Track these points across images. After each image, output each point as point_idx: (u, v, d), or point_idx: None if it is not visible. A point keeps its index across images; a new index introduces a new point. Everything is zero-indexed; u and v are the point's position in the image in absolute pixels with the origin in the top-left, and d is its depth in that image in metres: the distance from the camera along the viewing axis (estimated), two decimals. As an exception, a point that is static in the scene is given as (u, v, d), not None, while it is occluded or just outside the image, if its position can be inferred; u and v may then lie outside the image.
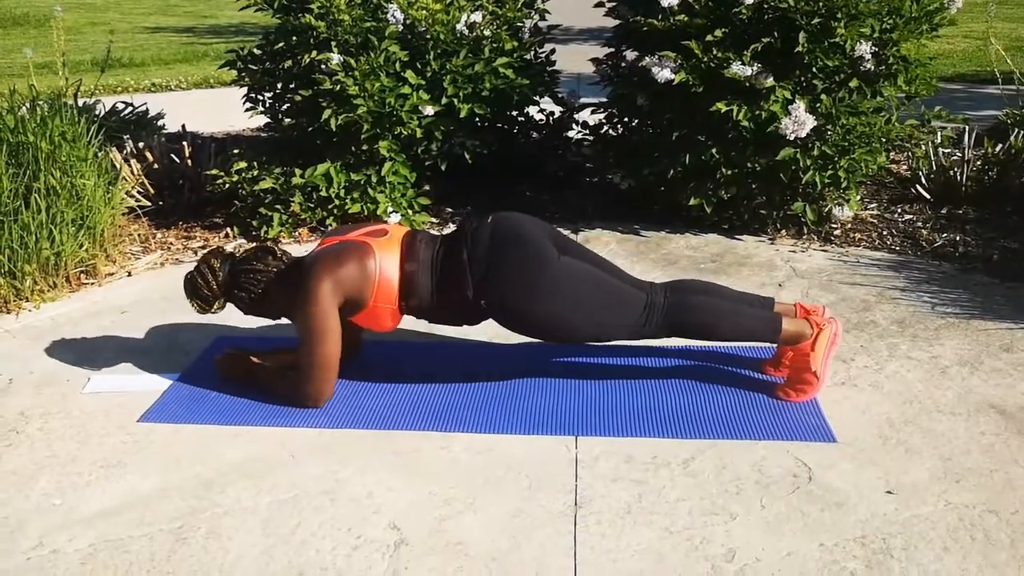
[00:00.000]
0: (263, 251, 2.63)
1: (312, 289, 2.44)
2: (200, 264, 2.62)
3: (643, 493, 2.16)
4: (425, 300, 2.53)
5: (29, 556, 2.00)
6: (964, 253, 3.70)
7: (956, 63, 8.39)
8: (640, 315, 2.49)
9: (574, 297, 2.46)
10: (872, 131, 3.79)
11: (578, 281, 2.47)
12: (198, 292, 2.60)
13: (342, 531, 2.05)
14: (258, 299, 2.60)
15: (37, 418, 2.59)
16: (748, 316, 2.54)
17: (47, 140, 3.56)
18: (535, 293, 2.44)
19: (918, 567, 1.89)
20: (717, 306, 2.53)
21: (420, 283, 2.52)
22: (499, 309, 2.50)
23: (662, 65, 3.73)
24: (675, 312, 2.50)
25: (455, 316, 2.58)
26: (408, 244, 2.56)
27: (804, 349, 2.54)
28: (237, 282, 2.59)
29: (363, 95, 3.94)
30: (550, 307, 2.45)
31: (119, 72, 9.30)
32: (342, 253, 2.50)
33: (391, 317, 2.56)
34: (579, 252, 2.63)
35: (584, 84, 5.23)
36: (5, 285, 3.35)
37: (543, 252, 2.48)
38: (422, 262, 2.53)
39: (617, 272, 2.63)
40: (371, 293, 2.49)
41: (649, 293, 2.53)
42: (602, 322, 2.48)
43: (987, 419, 2.45)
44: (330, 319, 2.46)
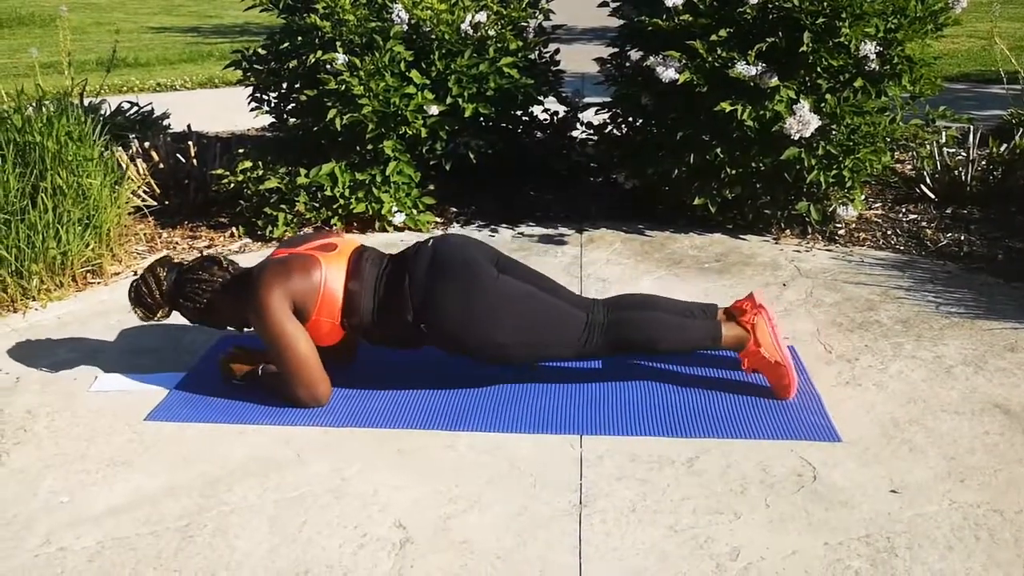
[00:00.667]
0: (209, 261, 2.65)
1: (262, 299, 2.46)
2: (145, 273, 2.65)
3: (647, 492, 2.17)
4: (366, 320, 2.54)
5: (37, 554, 2.01)
6: (969, 253, 3.70)
7: (961, 63, 8.38)
8: (580, 335, 2.50)
9: (510, 321, 2.46)
10: (877, 131, 3.79)
11: (515, 304, 2.48)
12: (141, 300, 2.64)
13: (348, 529, 2.06)
14: (203, 308, 2.63)
15: (44, 416, 2.60)
16: (688, 328, 2.56)
17: (53, 140, 3.58)
18: (471, 318, 2.45)
19: (922, 566, 1.89)
20: (656, 320, 2.55)
21: (362, 303, 2.53)
22: (438, 333, 2.50)
23: (666, 65, 3.73)
24: (615, 329, 2.51)
25: (395, 338, 2.58)
26: (355, 262, 2.57)
27: (753, 349, 2.56)
28: (182, 291, 2.62)
29: (368, 95, 3.95)
30: (488, 332, 2.46)
31: (124, 72, 9.32)
32: (289, 263, 2.52)
33: (331, 332, 2.56)
34: (521, 273, 2.63)
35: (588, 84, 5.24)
36: (12, 284, 3.37)
37: (481, 277, 2.48)
38: (366, 282, 2.54)
39: (558, 291, 2.64)
40: (314, 306, 2.50)
41: (590, 312, 2.54)
42: (540, 344, 2.50)
43: (991, 418, 2.45)
44: (287, 321, 2.48)
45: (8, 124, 3.57)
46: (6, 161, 3.42)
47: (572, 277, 3.56)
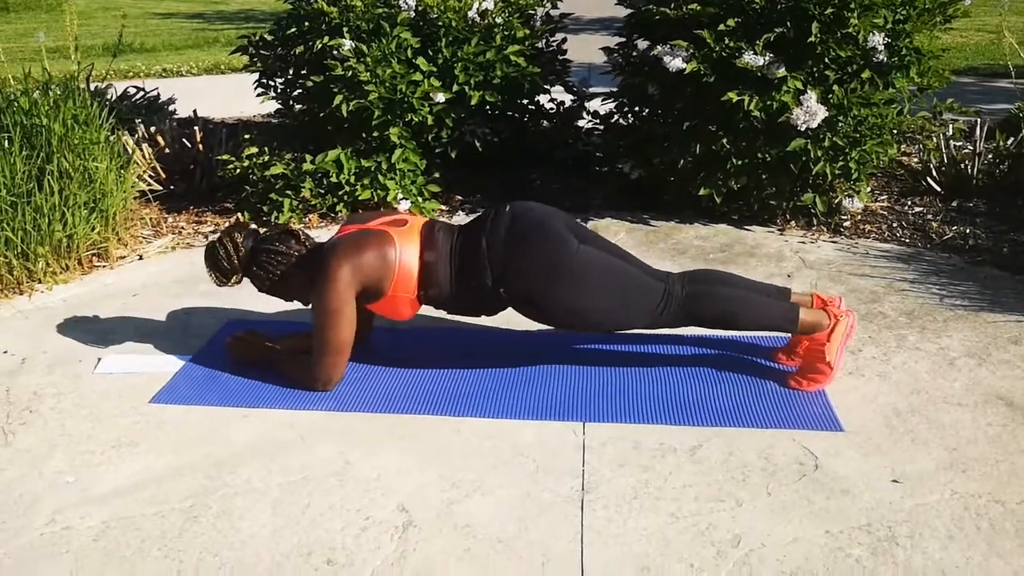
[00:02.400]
0: (287, 234, 2.64)
1: (331, 274, 2.46)
2: (224, 237, 2.63)
3: (650, 479, 2.18)
4: (444, 290, 2.54)
5: (43, 532, 2.02)
6: (974, 246, 3.69)
7: (969, 56, 8.36)
8: (658, 304, 2.50)
9: (593, 286, 2.47)
10: (883, 123, 3.78)
11: (597, 270, 2.48)
12: (218, 264, 2.62)
13: (351, 512, 2.07)
14: (276, 280, 2.61)
15: (50, 397, 2.61)
16: (766, 306, 2.55)
17: (60, 123, 3.58)
18: (554, 282, 2.45)
19: (923, 555, 1.90)
20: (735, 296, 2.54)
21: (439, 273, 2.53)
22: (519, 298, 2.51)
23: (674, 54, 3.73)
24: (693, 302, 2.51)
25: (474, 306, 2.59)
26: (427, 234, 2.57)
27: (819, 339, 2.55)
28: (258, 260, 2.60)
29: (374, 81, 3.95)
30: (569, 296, 2.46)
31: (130, 57, 9.32)
32: (362, 241, 2.51)
33: (410, 306, 2.57)
34: (598, 242, 2.63)
35: (595, 73, 5.23)
36: (18, 267, 3.38)
37: (563, 241, 2.48)
38: (441, 252, 2.54)
39: (635, 262, 2.64)
40: (390, 282, 2.50)
41: (667, 283, 2.53)
42: (620, 310, 2.50)
43: (994, 410, 2.45)
44: (346, 305, 2.48)
45: (15, 107, 3.58)
46: (13, 144, 3.43)
47: (577, 266, 3.56)
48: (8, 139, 3.45)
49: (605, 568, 1.88)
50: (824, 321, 2.55)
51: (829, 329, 2.54)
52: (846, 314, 2.57)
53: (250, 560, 1.92)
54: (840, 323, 2.55)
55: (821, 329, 2.55)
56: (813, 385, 2.55)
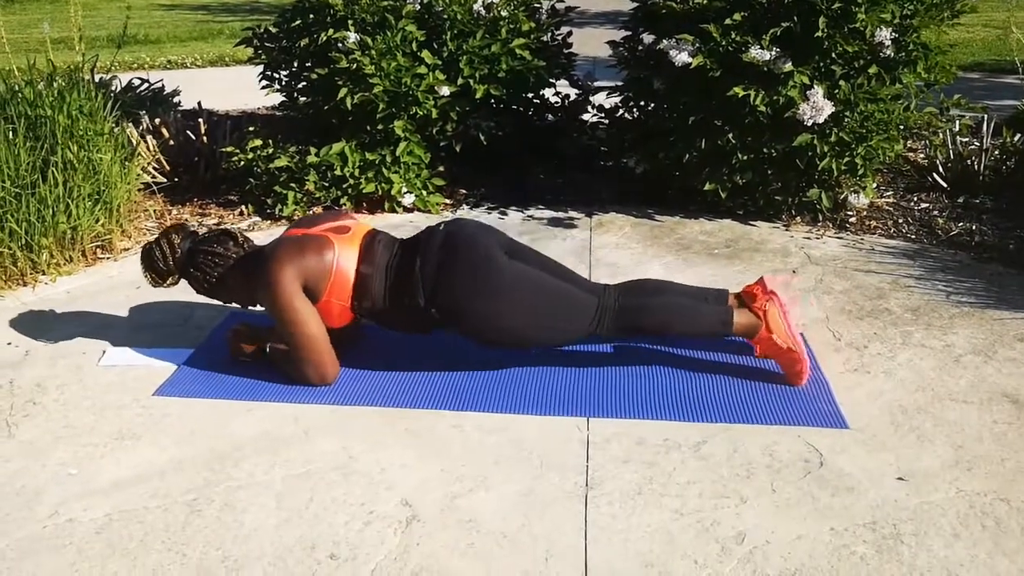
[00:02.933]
0: (225, 235, 2.64)
1: (273, 276, 2.45)
2: (160, 238, 2.64)
3: (654, 475, 2.17)
4: (377, 303, 2.53)
5: (45, 524, 2.02)
6: (980, 242, 3.68)
7: (976, 52, 8.32)
8: (592, 319, 2.50)
9: (521, 305, 2.46)
10: (890, 118, 3.77)
11: (526, 288, 2.48)
12: (153, 265, 2.63)
13: (354, 506, 2.07)
14: (213, 282, 2.62)
15: (53, 389, 2.61)
16: (700, 314, 2.56)
17: (64, 114, 3.58)
18: (482, 300, 2.45)
19: (928, 553, 1.89)
20: (668, 306, 2.55)
21: (374, 286, 2.52)
22: (449, 317, 2.50)
23: (680, 48, 3.71)
24: (626, 314, 2.51)
25: (406, 323, 2.58)
26: (367, 245, 2.56)
27: (765, 336, 2.56)
28: (195, 261, 2.61)
29: (379, 74, 3.93)
30: (497, 315, 2.46)
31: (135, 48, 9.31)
32: (302, 243, 2.51)
33: (341, 314, 2.55)
34: (533, 259, 2.63)
35: (600, 67, 5.22)
36: (22, 258, 3.37)
37: (491, 259, 2.48)
38: (377, 266, 2.53)
39: (570, 276, 2.64)
40: (326, 287, 2.50)
41: (601, 296, 2.54)
42: (551, 328, 2.50)
43: (1000, 408, 2.44)
44: (298, 300, 2.47)
45: (19, 98, 3.57)
46: (17, 135, 3.43)
47: (581, 261, 3.56)
48: (12, 130, 3.44)
49: (609, 564, 1.87)
50: (756, 319, 2.56)
51: (764, 323, 2.55)
52: (769, 299, 2.57)
53: (253, 553, 1.92)
54: (769, 312, 2.55)
55: (758, 327, 2.56)
56: (801, 376, 2.54)
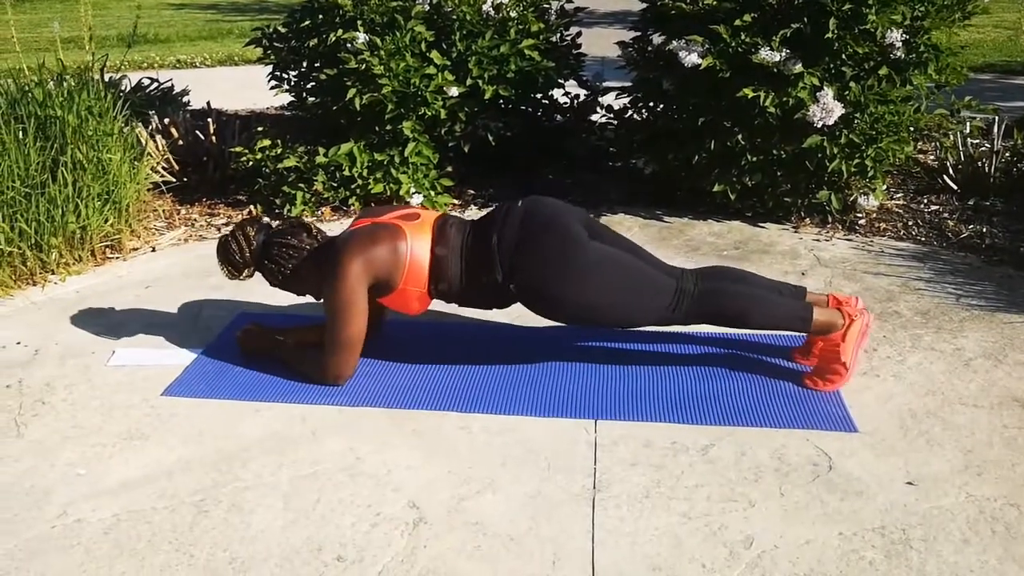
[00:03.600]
0: (299, 227, 2.64)
1: (343, 268, 2.45)
2: (236, 230, 2.62)
3: (662, 478, 2.16)
4: (454, 284, 2.53)
5: (54, 525, 2.03)
6: (990, 245, 3.66)
7: (987, 53, 8.29)
8: (670, 302, 2.48)
9: (603, 283, 2.45)
10: (900, 120, 3.75)
11: (608, 267, 2.46)
12: (230, 258, 2.61)
13: (361, 508, 2.07)
14: (288, 274, 2.61)
15: (62, 389, 2.62)
16: (779, 305, 2.53)
17: (74, 114, 3.58)
18: (564, 278, 2.44)
19: (937, 558, 1.88)
20: (748, 295, 2.52)
21: (450, 267, 2.52)
22: (528, 293, 2.49)
23: (689, 49, 3.70)
24: (705, 300, 2.49)
25: (484, 300, 2.58)
26: (439, 228, 2.56)
27: (834, 339, 2.53)
28: (269, 254, 2.60)
29: (388, 75, 3.93)
30: (579, 292, 2.44)
31: (144, 48, 9.34)
32: (375, 234, 2.51)
33: (419, 300, 2.56)
34: (611, 238, 2.62)
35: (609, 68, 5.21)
36: (32, 257, 3.39)
37: (573, 237, 2.47)
38: (452, 247, 2.53)
39: (648, 258, 2.62)
40: (401, 275, 2.50)
41: (680, 280, 2.52)
42: (631, 307, 2.48)
43: (1010, 412, 2.43)
44: (358, 299, 2.47)
45: (30, 98, 3.59)
46: (27, 135, 3.44)
47: (589, 261, 3.55)
48: (23, 130, 3.45)
49: (616, 567, 1.87)
50: (838, 321, 2.53)
51: (844, 329, 2.52)
52: (861, 314, 2.55)
53: (260, 555, 1.92)
54: (855, 323, 2.52)
55: (836, 329, 2.53)
56: (828, 385, 2.53)
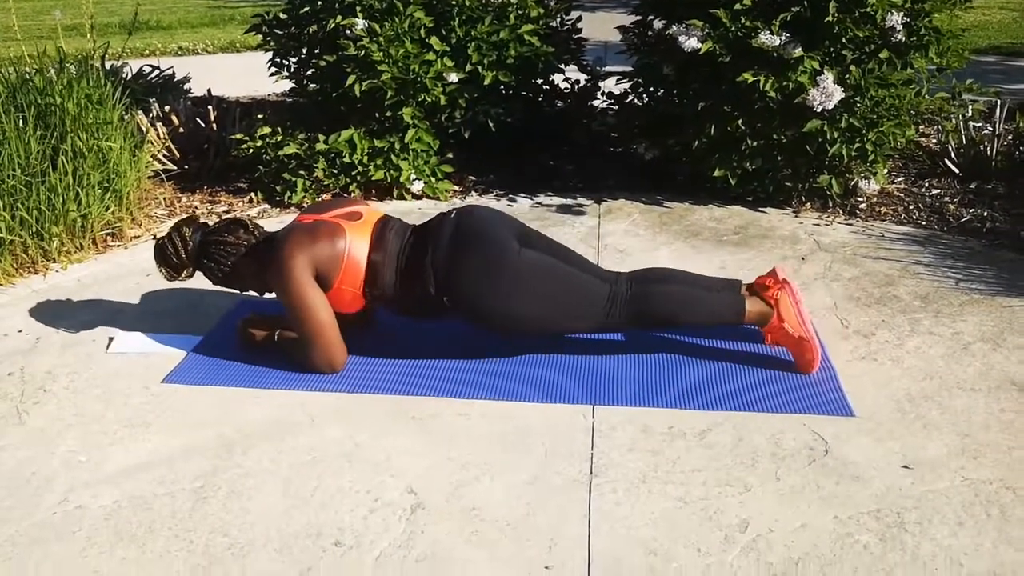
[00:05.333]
0: (235, 224, 2.65)
1: (285, 264, 2.46)
2: (171, 232, 2.65)
3: (659, 463, 2.17)
4: (388, 290, 2.54)
5: (55, 511, 2.04)
6: (991, 229, 3.65)
7: (992, 35, 8.24)
8: (603, 307, 2.49)
9: (535, 294, 2.46)
10: (901, 104, 3.74)
11: (538, 277, 2.47)
12: (167, 259, 2.64)
13: (360, 494, 2.08)
14: (227, 271, 2.63)
15: (63, 377, 2.63)
16: (712, 302, 2.55)
17: (74, 103, 3.59)
18: (494, 291, 2.44)
19: (932, 541, 1.89)
20: (680, 294, 2.54)
21: (385, 273, 2.52)
22: (460, 305, 2.50)
23: (689, 34, 3.69)
24: (638, 302, 2.50)
25: (417, 309, 2.58)
26: (379, 232, 2.56)
27: (775, 324, 2.55)
28: (207, 252, 2.62)
29: (387, 61, 3.93)
30: (510, 304, 2.45)
31: (146, 35, 9.33)
32: (314, 230, 2.51)
33: (353, 300, 2.56)
34: (544, 246, 2.62)
35: (611, 52, 5.20)
36: (33, 246, 3.40)
37: (502, 246, 2.47)
38: (389, 253, 2.53)
39: (582, 264, 2.63)
40: (338, 274, 2.50)
41: (613, 284, 2.53)
42: (563, 316, 2.50)
43: (1008, 396, 2.43)
44: (309, 288, 2.48)
45: (30, 86, 3.59)
46: (27, 123, 3.44)
47: (589, 247, 3.55)
48: (23, 118, 3.46)
49: (612, 552, 1.88)
50: (767, 308, 2.56)
51: (775, 312, 2.55)
52: (781, 288, 2.57)
53: (259, 540, 1.93)
54: (780, 302, 2.55)
55: (770, 316, 2.56)
56: (812, 364, 2.53)
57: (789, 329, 2.54)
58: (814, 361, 2.53)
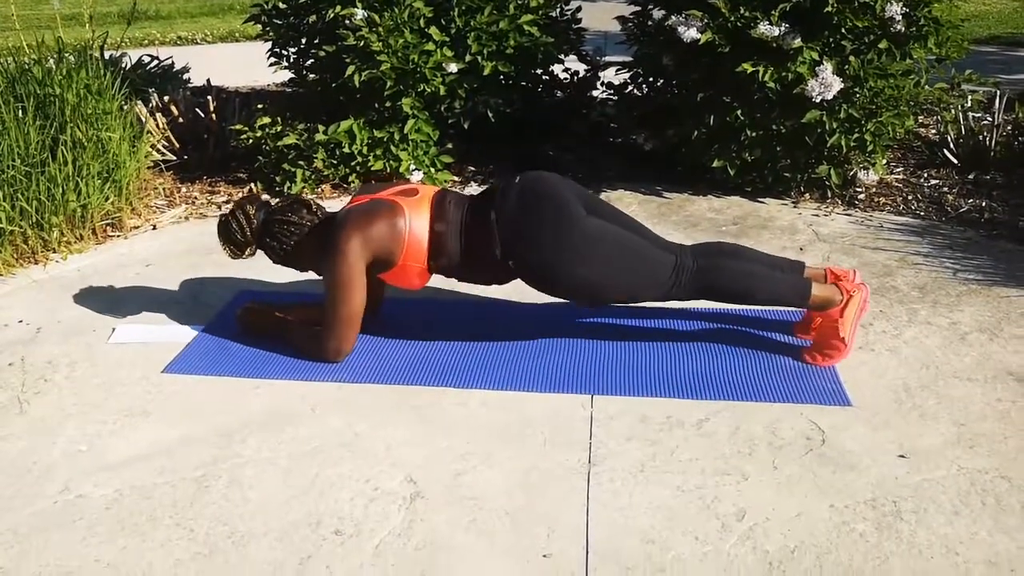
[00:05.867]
0: (299, 204, 2.65)
1: (341, 245, 2.47)
2: (236, 209, 2.64)
3: (657, 452, 2.19)
4: (454, 260, 2.55)
5: (56, 500, 2.06)
6: (990, 219, 3.66)
7: (991, 25, 8.23)
8: (668, 278, 2.49)
9: (602, 258, 2.46)
10: (900, 94, 3.74)
11: (606, 242, 2.47)
12: (231, 237, 2.63)
13: (360, 482, 2.09)
14: (289, 251, 2.63)
15: (64, 367, 2.64)
16: (777, 281, 2.54)
17: (73, 93, 3.59)
18: (562, 254, 2.45)
19: (927, 530, 1.90)
20: (746, 271, 2.53)
21: (449, 243, 2.53)
22: (526, 269, 2.51)
23: (688, 24, 3.69)
24: (704, 276, 2.50)
25: (484, 275, 2.60)
26: (438, 204, 2.57)
27: (832, 315, 2.54)
28: (271, 231, 2.62)
29: (387, 51, 3.93)
30: (577, 268, 2.46)
31: (145, 25, 9.31)
32: (373, 211, 2.52)
33: (419, 276, 2.58)
34: (609, 213, 2.62)
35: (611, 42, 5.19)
36: (33, 236, 3.40)
37: (571, 213, 2.47)
38: (451, 222, 2.54)
39: (647, 234, 2.63)
40: (400, 252, 2.51)
41: (679, 256, 2.52)
42: (630, 283, 2.49)
43: (1004, 386, 2.44)
44: (357, 276, 2.49)
45: (29, 76, 3.59)
46: (26, 113, 3.44)
47: (588, 238, 3.56)
48: (22, 109, 3.46)
49: (610, 540, 1.89)
50: (836, 297, 2.54)
51: (842, 305, 2.53)
52: (859, 288, 2.56)
53: (259, 529, 1.95)
54: (852, 298, 2.53)
55: (833, 305, 2.54)
56: (827, 361, 2.54)
57: (840, 327, 2.52)
58: (829, 362, 2.54)
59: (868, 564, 1.81)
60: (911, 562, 1.81)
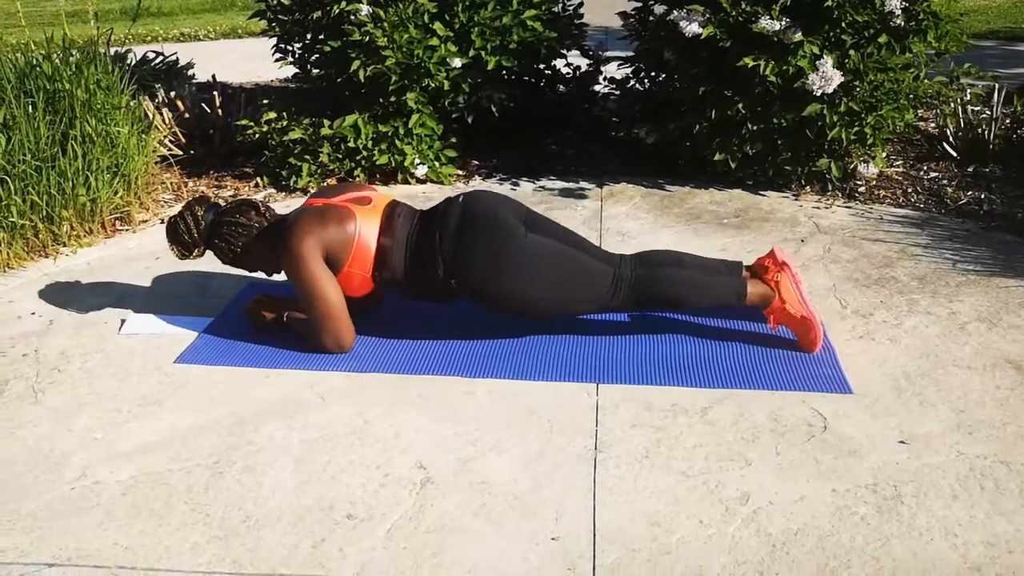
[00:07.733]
0: (247, 205, 2.70)
1: (295, 246, 2.50)
2: (184, 211, 2.69)
3: (661, 439, 2.23)
4: (398, 275, 2.59)
5: (73, 486, 2.10)
6: (989, 211, 3.70)
7: (990, 19, 8.26)
8: (608, 290, 2.54)
9: (541, 277, 2.51)
10: (900, 88, 3.78)
11: (544, 259, 2.52)
12: (179, 238, 2.68)
13: (370, 469, 2.14)
14: (238, 252, 2.67)
15: (77, 358, 2.68)
16: (714, 285, 2.60)
17: (83, 88, 3.63)
18: (501, 273, 2.50)
19: (927, 513, 1.94)
20: (683, 277, 2.58)
21: (394, 258, 2.57)
22: (469, 288, 2.55)
23: (690, 19, 3.73)
24: (643, 285, 2.55)
25: (427, 293, 2.63)
26: (388, 216, 2.61)
27: (778, 307, 2.60)
28: (219, 232, 2.66)
29: (391, 46, 3.96)
30: (516, 285, 2.51)
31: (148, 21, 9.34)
32: (325, 213, 2.56)
33: (362, 284, 2.60)
34: (549, 229, 2.67)
35: (613, 37, 5.22)
36: (44, 230, 3.44)
37: (509, 231, 2.52)
38: (398, 238, 2.58)
39: (586, 246, 2.68)
40: (348, 257, 2.55)
41: (617, 267, 2.58)
42: (569, 298, 2.54)
43: (1003, 374, 2.48)
44: (320, 271, 2.53)
45: (38, 72, 3.63)
46: (37, 109, 3.48)
47: (592, 231, 3.60)
48: (32, 104, 3.50)
49: (616, 523, 1.94)
50: (769, 291, 2.61)
51: (778, 294, 2.60)
52: (780, 270, 2.62)
53: (273, 514, 1.99)
54: (781, 283, 2.60)
55: (771, 298, 2.61)
56: (814, 343, 2.58)
57: (791, 310, 2.59)
58: (818, 339, 2.58)
59: (869, 546, 1.85)
60: (911, 544, 1.86)
